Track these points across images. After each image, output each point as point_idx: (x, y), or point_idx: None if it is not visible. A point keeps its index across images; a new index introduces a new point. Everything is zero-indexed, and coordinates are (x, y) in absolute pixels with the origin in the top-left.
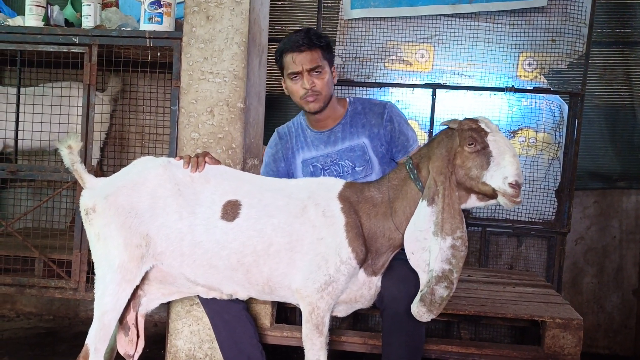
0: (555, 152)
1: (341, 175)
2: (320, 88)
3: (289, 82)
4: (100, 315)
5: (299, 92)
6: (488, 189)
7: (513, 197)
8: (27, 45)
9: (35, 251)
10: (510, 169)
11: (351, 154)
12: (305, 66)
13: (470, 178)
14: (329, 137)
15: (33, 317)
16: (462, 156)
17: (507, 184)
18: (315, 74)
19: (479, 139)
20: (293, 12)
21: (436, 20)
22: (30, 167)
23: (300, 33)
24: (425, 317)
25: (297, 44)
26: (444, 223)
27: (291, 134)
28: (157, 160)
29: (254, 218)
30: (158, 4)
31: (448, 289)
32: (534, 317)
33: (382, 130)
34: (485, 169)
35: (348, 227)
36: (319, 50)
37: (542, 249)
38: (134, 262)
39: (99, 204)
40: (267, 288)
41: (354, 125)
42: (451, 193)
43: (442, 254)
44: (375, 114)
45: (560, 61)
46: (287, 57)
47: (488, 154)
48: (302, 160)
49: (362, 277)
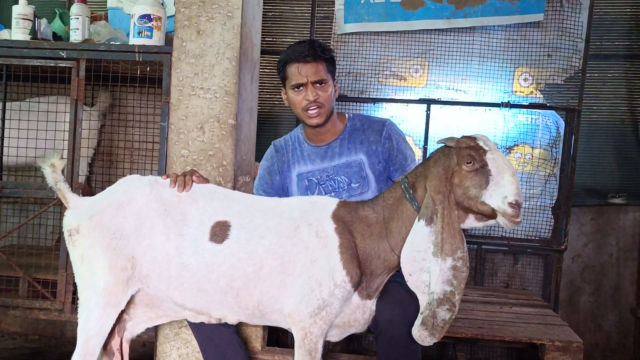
0: (552, 169)
1: (336, 190)
2: (323, 101)
3: (292, 93)
4: (84, 341)
5: (301, 104)
6: (487, 208)
7: (513, 217)
8: (14, 59)
9: (19, 270)
10: (510, 188)
11: (348, 169)
12: (310, 78)
13: (468, 198)
14: (326, 151)
15: (18, 337)
16: (459, 175)
17: (506, 203)
18: (319, 87)
19: (477, 157)
20: (285, 24)
21: (431, 35)
22: (16, 184)
23: (305, 44)
24: (427, 341)
25: (302, 54)
26: (443, 243)
27: (288, 147)
28: (144, 179)
29: (244, 239)
30: (148, 18)
31: (450, 311)
32: (533, 340)
33: (380, 147)
34: (484, 188)
35: (342, 249)
36: (324, 62)
37: (539, 267)
38: (119, 285)
39: (83, 225)
40: (257, 312)
41: (352, 141)
42: (450, 212)
43: (443, 276)
44: (374, 131)
45: (556, 76)
46: (292, 68)
47: (487, 173)
48: (298, 174)
49: (356, 300)
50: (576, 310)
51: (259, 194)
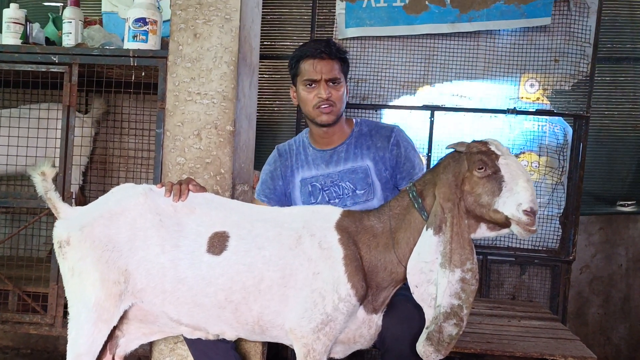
0: (559, 177)
1: (341, 197)
2: (335, 100)
3: (303, 89)
4: (74, 359)
5: (312, 101)
6: (500, 217)
7: (528, 226)
8: (3, 64)
9: (9, 283)
10: (525, 195)
11: (353, 175)
12: (325, 75)
13: (480, 205)
14: (332, 156)
15: (9, 351)
16: (470, 182)
17: (521, 211)
18: (332, 85)
19: (490, 162)
20: (284, 28)
21: (434, 39)
22: (6, 193)
23: (321, 42)
24: (432, 357)
25: (318, 50)
26: (452, 254)
27: (292, 151)
28: (138, 187)
29: (243, 251)
30: (143, 22)
31: (457, 326)
32: (545, 356)
33: (387, 154)
34: (496, 195)
35: (347, 260)
36: (339, 62)
37: (546, 278)
38: (111, 300)
39: (73, 236)
40: (257, 328)
41: (359, 146)
42: (460, 221)
43: (451, 288)
44: (382, 137)
45: (563, 82)
46: (306, 64)
47: (499, 179)
48: (301, 179)
49: (361, 315)
50: (585, 322)
51: (261, 199)
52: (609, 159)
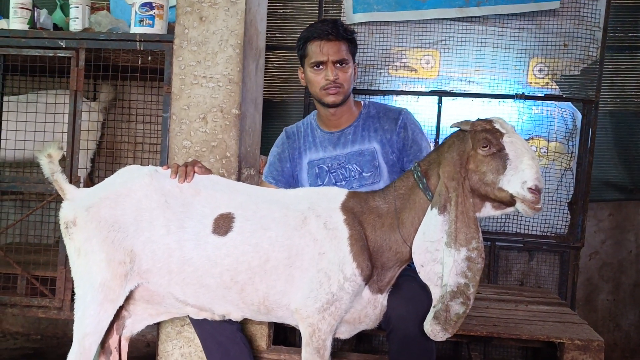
0: (568, 162)
1: (347, 179)
2: (343, 81)
3: (310, 71)
4: (80, 338)
5: (320, 83)
6: (505, 195)
7: (533, 204)
8: (11, 49)
9: (17, 267)
10: (530, 173)
11: (360, 158)
12: (332, 57)
13: (485, 184)
14: (339, 138)
15: (20, 337)
16: (475, 160)
17: (526, 189)
18: (339, 67)
19: (494, 140)
20: (293, 19)
21: (442, 24)
22: (14, 178)
23: (328, 22)
24: (439, 336)
25: (325, 32)
26: (457, 233)
27: (299, 133)
28: (143, 169)
29: (248, 232)
30: (149, 6)
31: (464, 305)
32: (551, 339)
33: (394, 136)
34: (501, 173)
35: (352, 241)
36: (346, 43)
37: (555, 264)
38: (116, 280)
39: (79, 217)
40: (263, 308)
41: (366, 128)
42: (465, 200)
43: (457, 267)
44: (389, 119)
45: (572, 67)
46: (313, 45)
47: (504, 157)
48: (309, 161)
49: (366, 295)
50: (594, 309)
51: (268, 181)
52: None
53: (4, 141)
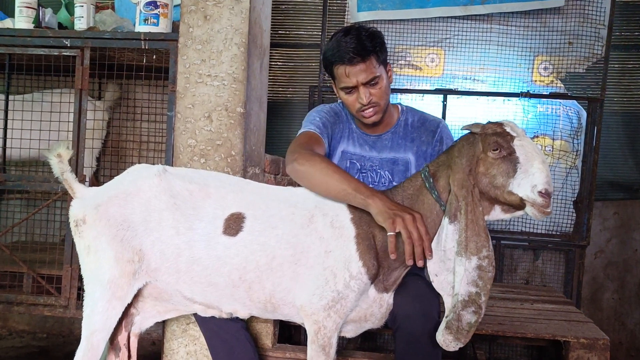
0: (573, 161)
1: (375, 184)
2: (378, 99)
3: (343, 94)
4: (89, 335)
5: (354, 106)
6: (515, 198)
7: (543, 207)
8: (16, 48)
9: (23, 266)
10: (540, 177)
11: (393, 166)
12: (360, 80)
13: (494, 187)
14: (375, 142)
15: (26, 335)
16: (485, 163)
17: (536, 192)
18: (371, 85)
19: (505, 144)
20: (297, 16)
21: (447, 22)
22: (19, 176)
23: (351, 40)
24: (452, 346)
25: (348, 55)
26: (468, 242)
27: (342, 118)
28: (153, 168)
29: (257, 230)
30: (154, 5)
31: (476, 314)
32: (557, 337)
33: (430, 149)
34: (511, 176)
35: (359, 239)
36: (373, 56)
37: (560, 263)
38: (125, 278)
39: (89, 215)
40: (269, 305)
41: (404, 137)
42: (475, 208)
43: (468, 276)
44: (427, 131)
45: (577, 65)
46: (339, 70)
47: (514, 161)
48: (343, 150)
49: (372, 293)
50: (599, 307)
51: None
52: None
53: (9, 140)
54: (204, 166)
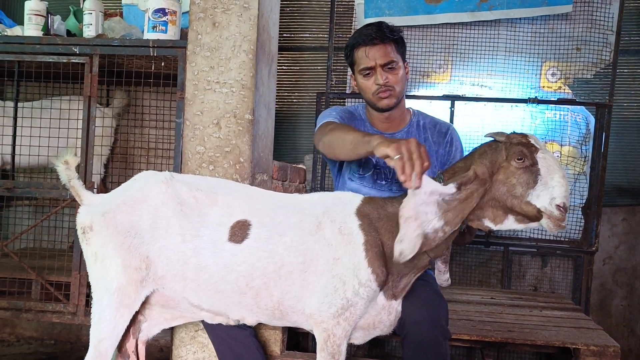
0: (582, 167)
1: (389, 181)
2: (394, 83)
3: (361, 78)
4: (97, 343)
5: (371, 89)
6: (532, 209)
7: (559, 221)
8: (25, 55)
9: (32, 273)
10: (560, 190)
11: None
12: (379, 61)
13: (513, 196)
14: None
15: (34, 342)
16: (507, 171)
17: (554, 205)
18: (388, 69)
19: (529, 154)
20: (303, 20)
21: (454, 28)
22: (28, 183)
23: (372, 26)
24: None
25: (369, 37)
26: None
27: (357, 117)
28: (160, 175)
29: (264, 238)
30: (162, 12)
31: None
32: (567, 344)
33: (441, 150)
34: (531, 187)
35: (367, 246)
36: (393, 44)
37: (568, 269)
38: (132, 285)
39: (96, 222)
40: (277, 313)
41: (417, 137)
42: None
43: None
44: (438, 132)
45: (586, 71)
46: (359, 52)
47: (536, 172)
48: None
49: (381, 301)
50: (608, 314)
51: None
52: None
53: (18, 147)
54: (212, 173)
